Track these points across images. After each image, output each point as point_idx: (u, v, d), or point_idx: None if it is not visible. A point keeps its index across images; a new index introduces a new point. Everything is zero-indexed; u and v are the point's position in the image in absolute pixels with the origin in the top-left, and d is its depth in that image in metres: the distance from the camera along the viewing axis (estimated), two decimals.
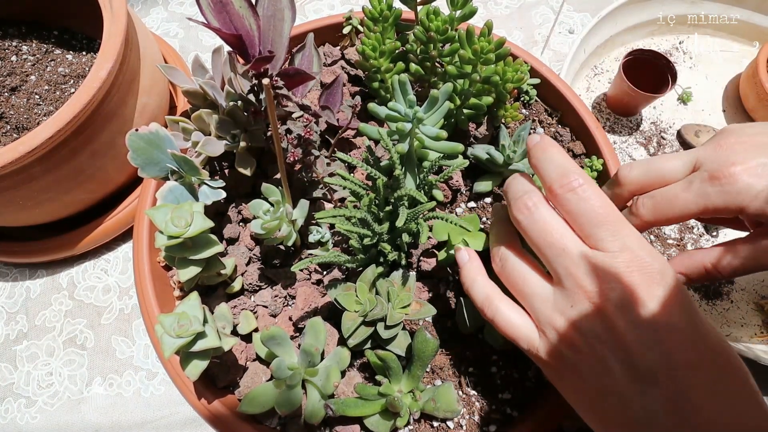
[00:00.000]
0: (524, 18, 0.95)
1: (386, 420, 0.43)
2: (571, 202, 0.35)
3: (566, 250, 0.34)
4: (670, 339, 0.31)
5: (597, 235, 0.34)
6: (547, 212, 0.36)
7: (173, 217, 0.39)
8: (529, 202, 0.37)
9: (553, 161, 0.37)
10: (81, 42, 0.84)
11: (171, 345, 0.36)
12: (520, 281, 0.38)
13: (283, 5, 0.42)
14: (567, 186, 0.35)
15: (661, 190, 0.42)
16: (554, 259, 0.35)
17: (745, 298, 0.73)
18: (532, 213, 0.36)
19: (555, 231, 0.35)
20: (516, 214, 0.37)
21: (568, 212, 0.35)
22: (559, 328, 0.34)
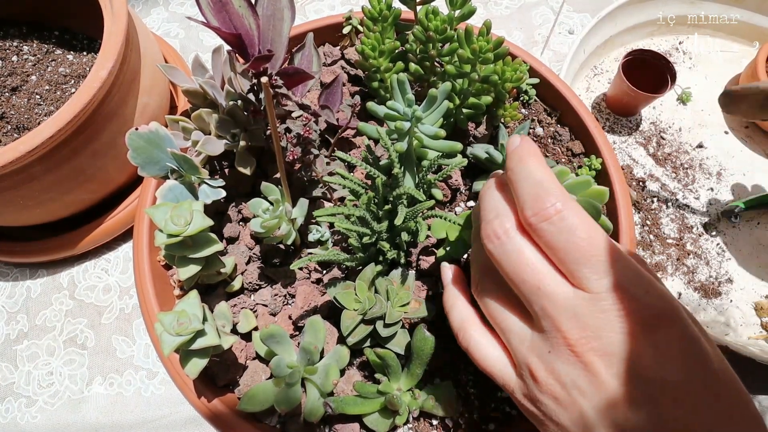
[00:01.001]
0: (524, 18, 0.95)
1: (385, 418, 0.43)
2: (547, 233, 0.30)
3: (541, 289, 0.30)
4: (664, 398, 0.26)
5: (579, 272, 0.29)
6: (520, 242, 0.31)
7: (173, 215, 0.40)
8: (500, 229, 0.32)
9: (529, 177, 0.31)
10: (82, 42, 0.85)
11: (170, 343, 0.36)
12: (497, 314, 0.34)
13: (282, 5, 0.43)
14: (542, 214, 0.30)
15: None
16: (530, 297, 0.30)
17: (744, 298, 0.73)
18: (503, 243, 0.31)
19: (529, 266, 0.30)
20: (486, 243, 0.32)
21: (545, 245, 0.30)
22: (537, 374, 0.30)
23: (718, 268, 0.75)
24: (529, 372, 0.31)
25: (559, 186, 0.31)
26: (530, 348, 0.31)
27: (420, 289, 0.50)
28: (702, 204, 0.79)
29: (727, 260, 0.76)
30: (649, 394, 0.27)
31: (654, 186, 0.81)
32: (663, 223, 0.78)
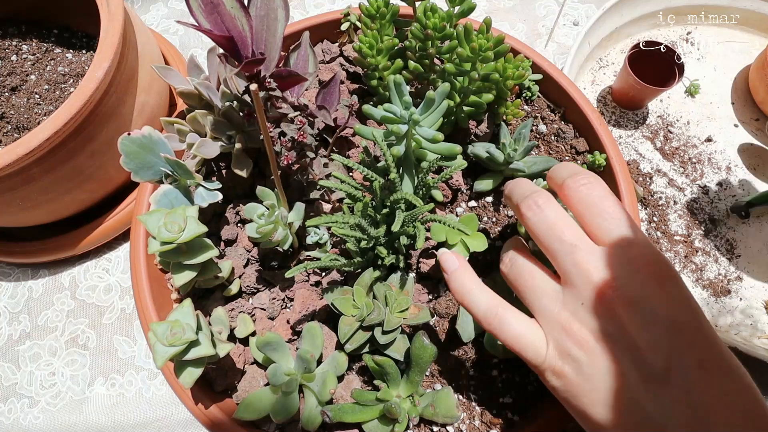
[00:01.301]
0: (528, 10, 0.93)
1: (385, 426, 0.42)
2: (583, 193, 0.35)
3: (577, 247, 0.34)
4: (682, 338, 0.31)
5: (605, 226, 0.34)
6: (556, 209, 0.36)
7: (166, 222, 0.39)
8: (540, 200, 0.36)
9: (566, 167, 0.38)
10: (81, 40, 0.84)
11: (163, 354, 0.35)
12: (529, 279, 0.37)
13: (276, 4, 0.41)
14: (581, 180, 0.36)
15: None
16: (564, 257, 0.34)
17: (754, 296, 0.71)
18: (542, 210, 0.36)
19: (566, 227, 0.35)
20: (525, 212, 0.37)
21: (578, 204, 0.36)
22: (569, 327, 0.33)
23: (727, 266, 0.73)
24: (562, 328, 0.34)
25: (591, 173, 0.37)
26: (563, 306, 0.34)
27: (420, 293, 0.50)
28: (711, 199, 0.78)
29: (736, 257, 0.74)
30: (668, 336, 0.31)
31: (661, 181, 0.79)
32: (670, 219, 0.76)
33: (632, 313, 0.31)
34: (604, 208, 0.35)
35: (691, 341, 0.31)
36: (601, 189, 0.36)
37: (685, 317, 0.31)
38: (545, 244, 0.36)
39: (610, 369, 0.32)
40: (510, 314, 0.37)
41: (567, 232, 0.35)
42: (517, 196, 0.38)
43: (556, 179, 0.38)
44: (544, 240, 0.36)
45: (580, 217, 0.36)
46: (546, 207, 0.36)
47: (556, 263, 0.35)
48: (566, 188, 0.37)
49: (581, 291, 0.33)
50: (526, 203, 0.37)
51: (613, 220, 0.34)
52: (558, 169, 0.39)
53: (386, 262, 0.44)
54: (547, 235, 0.35)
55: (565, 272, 0.34)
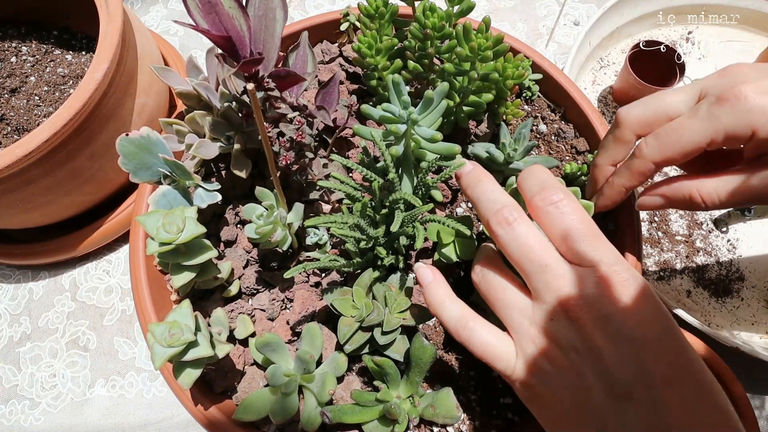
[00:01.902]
0: (528, 10, 0.93)
1: (384, 426, 0.42)
2: (552, 215, 0.35)
3: (548, 267, 0.34)
4: (647, 353, 0.31)
5: (576, 249, 0.34)
6: (527, 228, 0.36)
7: (165, 223, 0.39)
8: (510, 216, 0.36)
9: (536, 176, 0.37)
10: (80, 42, 0.84)
11: (161, 355, 0.35)
12: (500, 292, 0.37)
13: (274, 4, 0.41)
14: (549, 200, 0.36)
15: (666, 125, 0.40)
16: (535, 276, 0.35)
17: (756, 296, 0.71)
18: (513, 228, 0.36)
19: (536, 247, 0.35)
20: (495, 228, 0.36)
21: (548, 225, 0.36)
22: (538, 341, 0.34)
23: (729, 266, 0.73)
24: (531, 341, 0.34)
25: (560, 185, 0.37)
26: (532, 319, 0.35)
27: (420, 293, 0.49)
28: None
29: (738, 257, 0.74)
30: (634, 351, 0.31)
31: None
32: (671, 219, 0.76)
33: (600, 330, 0.32)
34: (573, 228, 0.34)
35: (658, 357, 0.31)
36: (568, 207, 0.35)
37: (652, 333, 0.31)
38: (516, 261, 0.36)
39: (576, 383, 0.33)
40: (480, 326, 0.37)
41: (538, 251, 0.35)
42: (484, 209, 0.38)
43: (524, 192, 0.38)
44: (515, 258, 0.36)
45: (549, 236, 0.36)
46: (516, 225, 0.36)
47: (528, 281, 0.36)
48: (534, 207, 0.36)
49: (550, 307, 0.34)
50: (496, 219, 0.36)
51: (582, 240, 0.34)
52: (526, 178, 0.38)
53: (385, 263, 0.43)
54: (517, 254, 0.35)
55: (536, 290, 0.35)
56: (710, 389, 0.31)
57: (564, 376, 0.33)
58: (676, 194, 0.41)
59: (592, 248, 0.34)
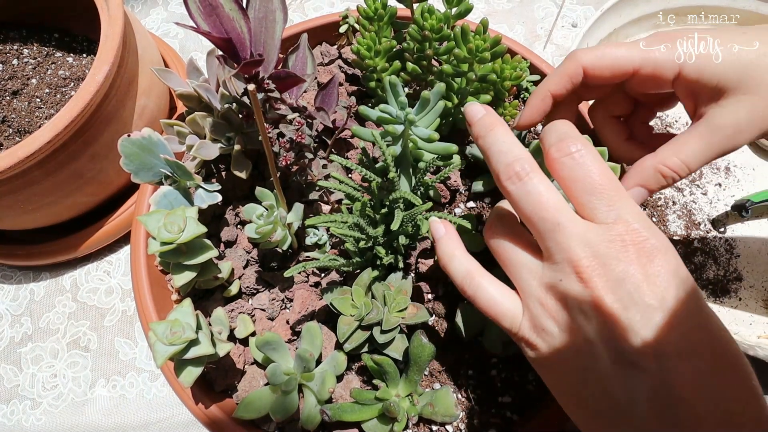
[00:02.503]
0: (526, 12, 0.94)
1: (384, 425, 0.42)
2: (567, 167, 0.33)
3: (560, 224, 0.32)
4: (661, 322, 0.29)
5: (591, 204, 0.32)
6: (540, 182, 0.33)
7: (166, 222, 0.39)
8: (521, 169, 0.34)
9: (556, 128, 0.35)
10: (81, 44, 0.84)
11: (163, 353, 0.35)
12: (510, 251, 0.35)
13: (274, 6, 0.42)
14: (565, 150, 0.33)
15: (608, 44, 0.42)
16: (546, 234, 0.33)
17: (754, 296, 0.71)
18: (524, 183, 0.33)
19: (549, 204, 0.33)
20: (505, 183, 0.34)
21: (563, 178, 0.34)
22: (546, 302, 0.33)
23: (727, 266, 0.73)
24: (538, 301, 0.33)
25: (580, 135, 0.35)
26: (541, 279, 0.33)
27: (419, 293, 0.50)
28: (710, 199, 0.78)
29: (735, 257, 0.74)
30: (646, 319, 0.29)
31: None
32: (669, 219, 0.76)
33: (611, 293, 0.30)
34: (591, 181, 0.32)
35: (672, 326, 0.29)
36: (588, 158, 0.33)
37: (669, 301, 0.29)
38: (527, 219, 0.34)
39: (582, 347, 0.31)
40: (487, 281, 0.36)
41: (550, 208, 0.33)
42: (495, 162, 0.35)
43: (543, 145, 0.36)
44: (526, 215, 0.34)
45: (566, 190, 0.34)
46: (527, 179, 0.33)
47: (539, 240, 0.34)
48: (551, 158, 0.34)
49: (561, 268, 0.32)
50: (506, 173, 0.34)
51: (601, 194, 0.32)
52: (548, 130, 0.36)
53: (385, 262, 0.44)
54: (528, 211, 0.33)
55: (547, 248, 0.33)
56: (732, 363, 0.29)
57: (570, 339, 0.32)
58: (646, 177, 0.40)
59: (610, 204, 0.32)
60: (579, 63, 0.41)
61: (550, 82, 0.43)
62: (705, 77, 0.38)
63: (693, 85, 0.39)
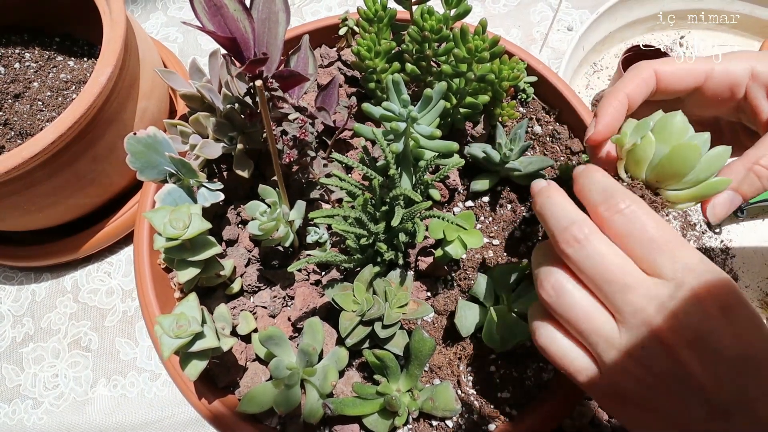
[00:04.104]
0: (522, 16, 0.95)
1: (385, 419, 0.43)
2: (619, 224, 0.32)
3: (629, 286, 0.31)
4: (747, 372, 0.30)
5: (655, 261, 0.31)
6: (601, 244, 0.33)
7: (171, 219, 0.40)
8: (579, 233, 0.33)
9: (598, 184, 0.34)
10: (82, 48, 0.85)
11: (170, 345, 0.36)
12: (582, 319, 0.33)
13: (277, 8, 0.43)
14: (615, 208, 0.33)
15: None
16: (615, 297, 0.32)
17: (750, 296, 0.72)
18: (583, 246, 0.33)
19: (614, 265, 0.32)
20: (564, 248, 0.33)
21: (618, 236, 0.33)
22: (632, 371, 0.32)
23: (723, 266, 0.74)
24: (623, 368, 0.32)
25: (624, 190, 0.34)
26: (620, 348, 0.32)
27: (419, 290, 0.51)
28: None
29: (731, 257, 0.75)
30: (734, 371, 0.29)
31: None
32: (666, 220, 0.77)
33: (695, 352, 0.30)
34: (651, 238, 0.32)
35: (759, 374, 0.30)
36: (640, 213, 0.32)
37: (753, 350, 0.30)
38: (592, 282, 0.33)
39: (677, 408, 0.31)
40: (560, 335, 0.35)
41: (617, 271, 0.32)
42: (553, 224, 0.34)
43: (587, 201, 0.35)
44: (590, 278, 0.33)
45: (625, 249, 0.33)
46: (587, 243, 0.33)
47: (607, 302, 0.33)
48: (601, 217, 0.33)
49: (639, 333, 0.31)
50: (564, 237, 0.33)
51: (661, 248, 0.31)
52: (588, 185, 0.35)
53: (386, 258, 0.45)
54: (592, 274, 0.32)
55: (619, 311, 0.32)
56: None
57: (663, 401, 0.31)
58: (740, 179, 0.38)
59: (672, 258, 0.31)
60: (652, 68, 0.40)
61: (626, 86, 0.40)
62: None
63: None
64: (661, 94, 0.41)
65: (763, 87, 0.39)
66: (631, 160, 0.38)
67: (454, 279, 0.51)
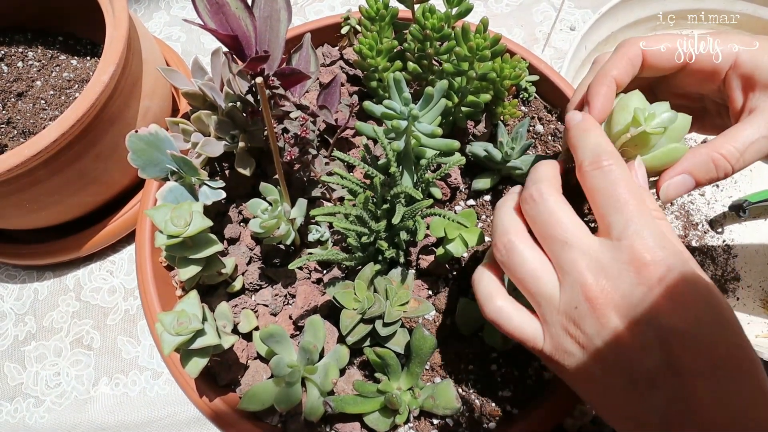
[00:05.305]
0: (525, 15, 0.95)
1: (386, 417, 0.43)
2: (595, 179, 0.34)
3: (569, 243, 0.33)
4: (675, 344, 0.29)
5: (609, 217, 0.32)
6: (554, 202, 0.34)
7: (173, 216, 0.40)
8: (536, 192, 0.35)
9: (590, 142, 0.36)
10: (85, 47, 0.86)
11: (170, 342, 0.36)
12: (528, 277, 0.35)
13: (279, 6, 0.43)
14: (596, 164, 0.34)
15: None
16: (558, 254, 0.33)
17: (752, 296, 0.72)
18: (537, 204, 0.35)
19: (560, 222, 0.34)
20: (522, 205, 0.36)
21: (590, 189, 0.34)
22: (565, 328, 0.33)
23: (725, 266, 0.74)
24: (561, 327, 0.33)
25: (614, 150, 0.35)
26: (558, 307, 0.33)
27: (420, 288, 0.51)
28: (707, 200, 0.79)
29: (733, 257, 0.75)
30: (661, 340, 0.30)
31: None
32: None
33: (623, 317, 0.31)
34: (614, 196, 0.33)
35: (687, 347, 0.29)
36: (618, 174, 0.33)
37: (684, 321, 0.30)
38: (541, 237, 0.35)
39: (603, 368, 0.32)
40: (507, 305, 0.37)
41: (559, 227, 0.33)
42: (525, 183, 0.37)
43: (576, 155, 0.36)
44: (540, 233, 0.35)
45: (592, 205, 0.34)
46: (541, 200, 0.35)
47: (552, 259, 0.34)
48: (581, 171, 0.35)
49: (574, 292, 0.32)
50: (523, 196, 0.36)
51: (622, 211, 0.32)
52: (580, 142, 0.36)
53: (387, 256, 0.45)
54: (541, 229, 0.35)
55: (560, 268, 0.34)
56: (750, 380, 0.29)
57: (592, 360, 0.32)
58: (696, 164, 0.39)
59: (626, 221, 0.32)
60: (638, 46, 0.40)
61: (613, 68, 0.40)
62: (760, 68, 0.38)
63: (746, 78, 0.39)
64: (648, 71, 0.42)
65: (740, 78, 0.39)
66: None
67: (455, 277, 0.51)
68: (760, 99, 0.39)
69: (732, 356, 0.30)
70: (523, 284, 0.35)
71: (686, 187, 0.39)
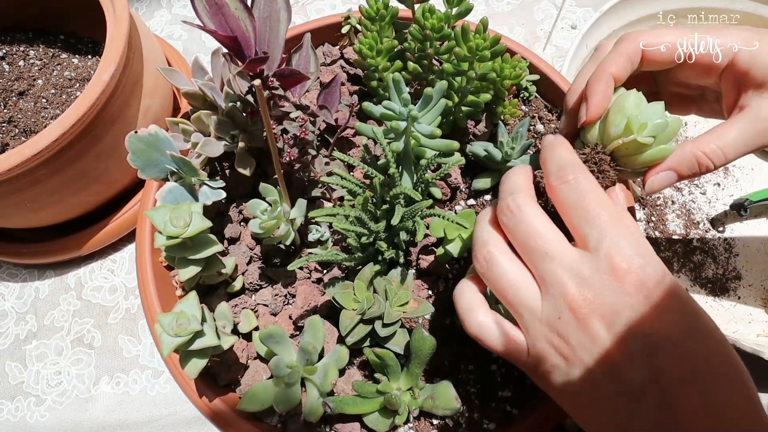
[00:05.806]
0: (526, 14, 0.95)
1: (385, 418, 0.43)
2: (563, 193, 0.34)
3: (548, 254, 0.33)
4: (660, 353, 0.30)
5: (583, 230, 0.32)
6: (532, 214, 0.34)
7: (172, 217, 0.40)
8: (512, 203, 0.35)
9: (557, 156, 0.36)
10: (86, 46, 0.85)
11: (169, 344, 0.36)
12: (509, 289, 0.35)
13: (278, 6, 0.43)
14: (563, 179, 0.34)
15: None
16: (538, 265, 0.33)
17: (753, 295, 0.72)
18: (514, 215, 0.34)
19: (539, 234, 0.33)
20: (500, 216, 0.36)
21: (559, 203, 0.34)
22: (549, 339, 0.33)
23: (726, 264, 0.74)
24: (545, 339, 0.33)
25: (581, 164, 0.35)
26: (542, 319, 0.33)
27: (420, 289, 0.50)
28: (708, 199, 0.79)
29: (734, 256, 0.75)
30: (647, 349, 0.30)
31: None
32: (668, 219, 0.77)
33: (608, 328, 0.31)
34: (585, 208, 0.33)
35: (671, 355, 0.30)
36: (585, 186, 0.34)
37: (668, 329, 0.30)
38: (520, 249, 0.35)
39: (590, 380, 0.31)
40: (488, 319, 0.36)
41: (540, 239, 0.33)
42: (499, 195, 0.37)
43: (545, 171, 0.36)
44: (520, 245, 0.34)
45: (565, 217, 0.34)
46: (519, 211, 0.34)
47: (534, 270, 0.34)
48: (549, 187, 0.35)
49: (557, 303, 0.32)
50: (500, 207, 0.36)
51: (596, 223, 0.32)
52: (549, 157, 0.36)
53: (386, 256, 0.45)
54: (521, 241, 0.34)
55: (542, 281, 0.33)
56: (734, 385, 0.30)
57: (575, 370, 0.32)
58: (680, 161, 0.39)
59: (603, 232, 0.32)
60: (638, 43, 0.40)
61: (611, 64, 0.40)
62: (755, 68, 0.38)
63: (741, 76, 0.39)
64: (647, 66, 0.42)
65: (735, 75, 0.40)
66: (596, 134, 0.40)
67: (455, 277, 0.51)
68: (750, 98, 0.39)
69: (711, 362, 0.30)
70: (504, 295, 0.35)
71: (669, 181, 0.40)
